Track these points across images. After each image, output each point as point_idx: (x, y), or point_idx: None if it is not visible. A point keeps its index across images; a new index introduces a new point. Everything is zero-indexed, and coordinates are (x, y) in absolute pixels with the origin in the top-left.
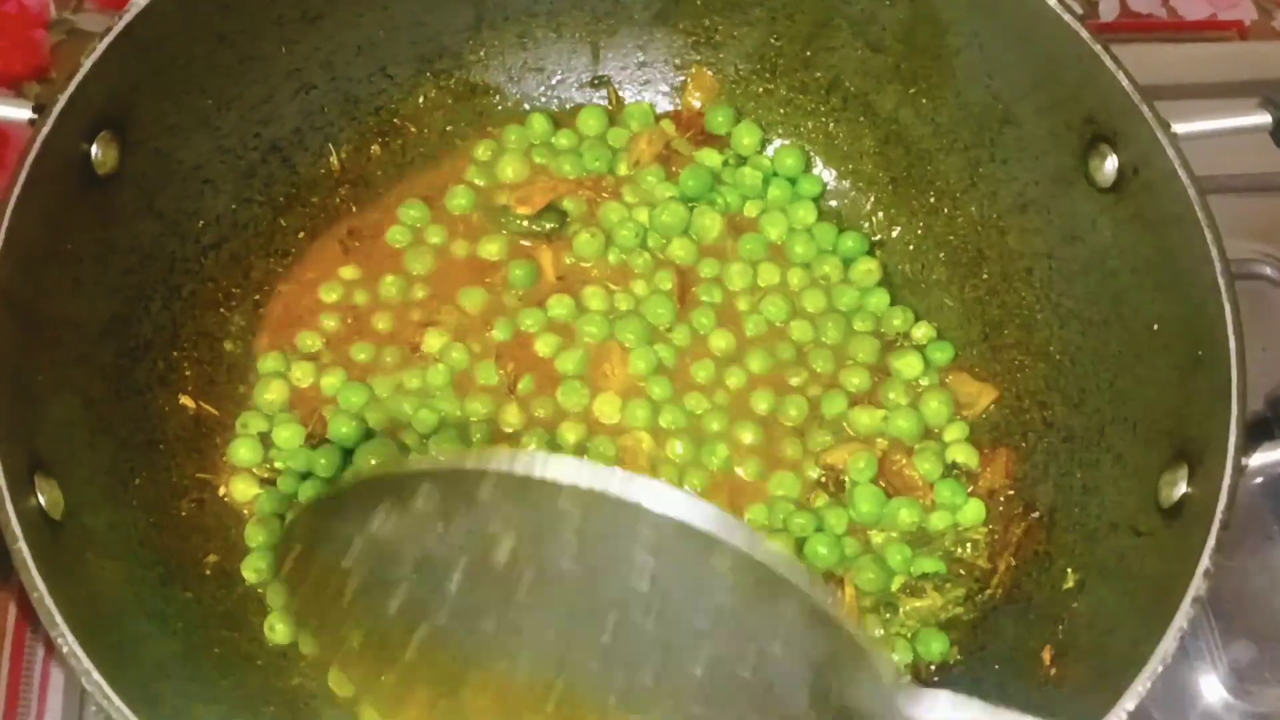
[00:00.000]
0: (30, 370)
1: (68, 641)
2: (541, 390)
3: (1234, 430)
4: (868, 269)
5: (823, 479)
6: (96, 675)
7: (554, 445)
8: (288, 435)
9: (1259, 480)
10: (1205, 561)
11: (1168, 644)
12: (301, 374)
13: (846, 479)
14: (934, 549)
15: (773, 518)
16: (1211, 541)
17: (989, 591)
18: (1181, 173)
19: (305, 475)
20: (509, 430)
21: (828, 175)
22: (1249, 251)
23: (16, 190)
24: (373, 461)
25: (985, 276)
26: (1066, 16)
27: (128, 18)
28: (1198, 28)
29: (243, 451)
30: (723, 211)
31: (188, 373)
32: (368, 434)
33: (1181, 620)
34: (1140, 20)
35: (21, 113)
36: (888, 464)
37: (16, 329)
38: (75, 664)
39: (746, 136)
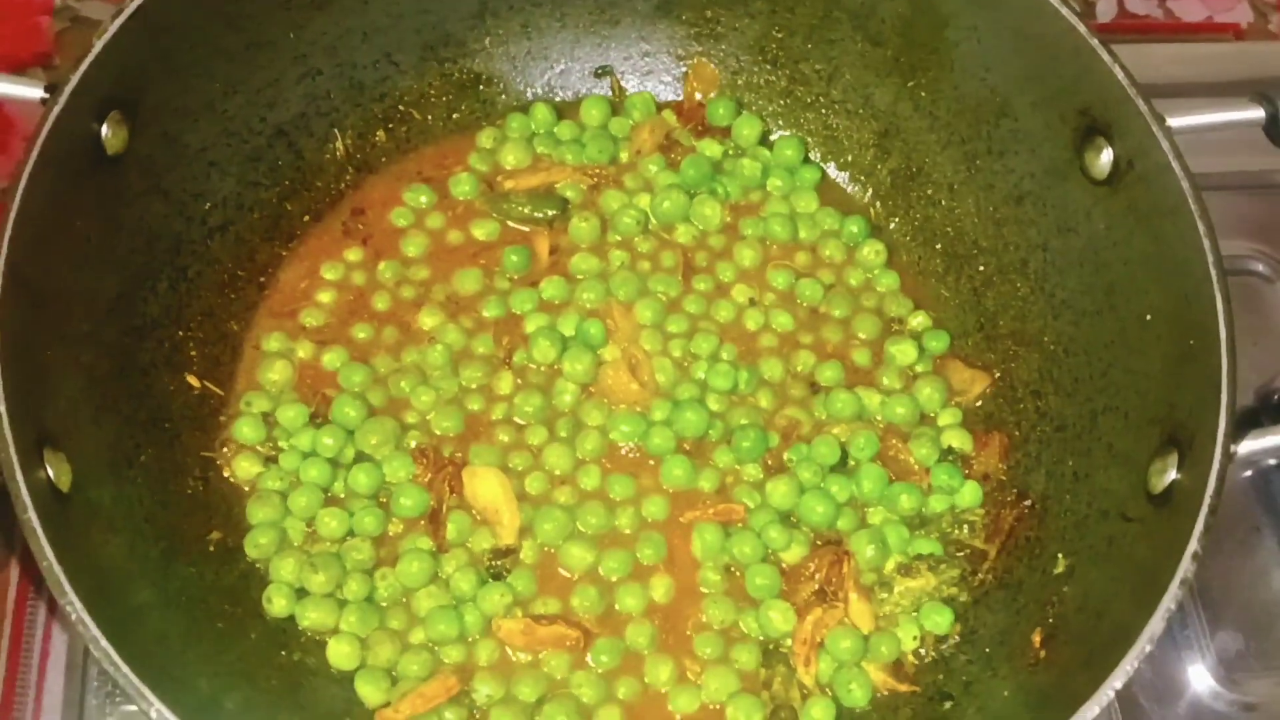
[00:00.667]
0: (39, 346)
1: (76, 609)
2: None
3: (1224, 417)
4: (875, 250)
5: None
6: (104, 642)
7: (550, 407)
8: (292, 415)
9: (1247, 474)
10: (1194, 545)
11: (1155, 625)
12: (304, 352)
13: (850, 457)
14: (931, 530)
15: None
16: (1200, 526)
17: (981, 576)
18: (1176, 166)
19: (308, 454)
20: (502, 394)
21: (827, 167)
22: (1242, 248)
23: (28, 169)
24: (374, 441)
25: (981, 268)
26: (1064, 10)
27: (138, 0)
28: (1194, 29)
29: (246, 430)
30: (723, 200)
31: (193, 352)
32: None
33: (1170, 602)
34: (1137, 21)
35: (34, 92)
36: (884, 449)
37: (26, 305)
38: (83, 631)
39: (747, 129)
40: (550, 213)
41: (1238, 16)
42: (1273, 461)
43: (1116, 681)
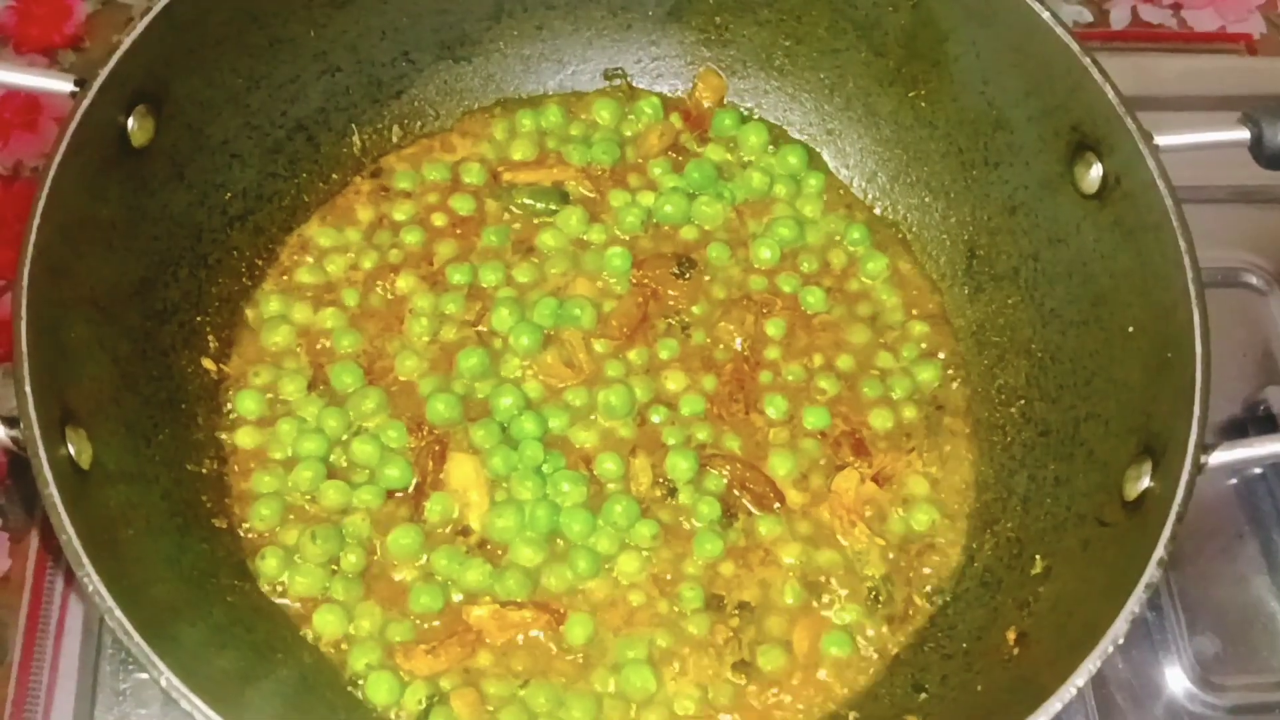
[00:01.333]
0: (65, 327)
1: (92, 580)
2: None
3: (1194, 429)
4: (875, 258)
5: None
6: (119, 613)
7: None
8: (293, 388)
9: (1232, 482)
10: (1160, 551)
11: (1119, 626)
12: (301, 314)
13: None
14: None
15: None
16: (1167, 533)
17: (964, 584)
18: (1160, 183)
19: (306, 424)
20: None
21: (829, 174)
22: (1238, 261)
23: (57, 158)
24: (370, 406)
25: (974, 275)
26: (1058, 29)
27: None
28: (1207, 39)
29: (248, 402)
30: (729, 203)
31: (210, 337)
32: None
33: (1134, 605)
34: (1150, 30)
35: (64, 85)
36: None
37: (52, 287)
38: (99, 602)
39: (753, 136)
40: (553, 207)
41: (1250, 27)
42: (1258, 470)
43: (1079, 679)
